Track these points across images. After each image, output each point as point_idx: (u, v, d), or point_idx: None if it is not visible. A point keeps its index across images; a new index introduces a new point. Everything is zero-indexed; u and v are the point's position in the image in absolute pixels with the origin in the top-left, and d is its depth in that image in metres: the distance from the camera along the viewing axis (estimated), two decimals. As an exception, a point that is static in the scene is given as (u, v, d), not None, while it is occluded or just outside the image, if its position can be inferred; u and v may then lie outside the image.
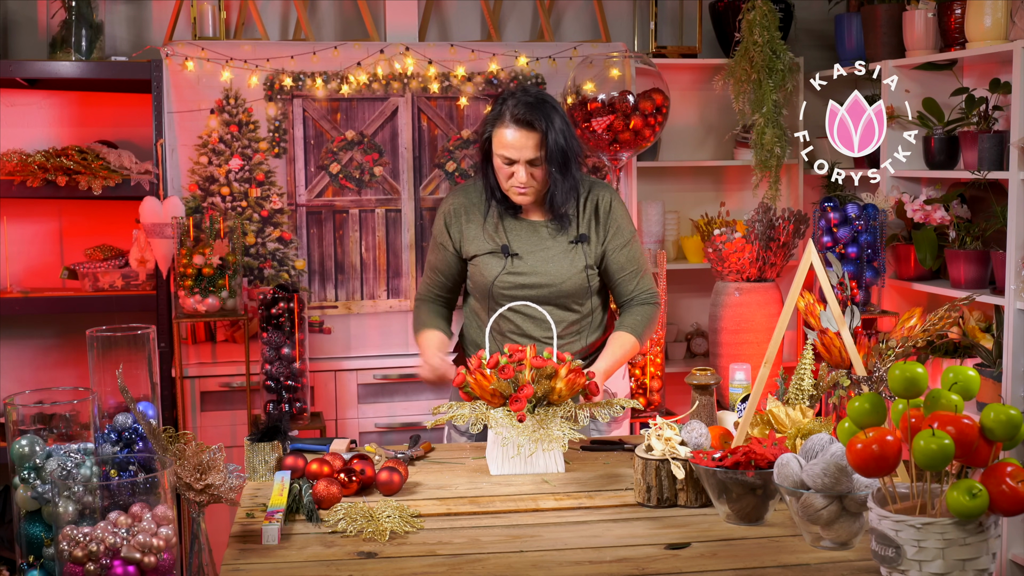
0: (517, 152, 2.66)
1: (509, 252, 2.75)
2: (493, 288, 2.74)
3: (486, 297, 2.77)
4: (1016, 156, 3.33)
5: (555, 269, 2.74)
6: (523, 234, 2.77)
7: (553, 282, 2.74)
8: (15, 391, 2.33)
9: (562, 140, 2.67)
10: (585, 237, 2.76)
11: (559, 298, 2.74)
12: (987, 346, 3.55)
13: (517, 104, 2.66)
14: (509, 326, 2.78)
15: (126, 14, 4.22)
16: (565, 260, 2.75)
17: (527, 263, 2.74)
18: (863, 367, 2.25)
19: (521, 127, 2.65)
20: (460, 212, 2.80)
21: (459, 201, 2.82)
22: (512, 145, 2.66)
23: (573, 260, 2.75)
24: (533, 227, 2.78)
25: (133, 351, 2.02)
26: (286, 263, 4.04)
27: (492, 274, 2.74)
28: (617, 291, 2.84)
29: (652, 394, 3.77)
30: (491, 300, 2.75)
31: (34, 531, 1.87)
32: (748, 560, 1.91)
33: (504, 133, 2.67)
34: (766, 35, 4.11)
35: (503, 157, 2.68)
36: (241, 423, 3.91)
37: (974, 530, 1.66)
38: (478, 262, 2.78)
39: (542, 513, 2.18)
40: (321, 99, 4.00)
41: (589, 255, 2.77)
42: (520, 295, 2.72)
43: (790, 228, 3.88)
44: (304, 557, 1.96)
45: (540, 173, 2.69)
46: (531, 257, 2.75)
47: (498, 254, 2.75)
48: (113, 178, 3.78)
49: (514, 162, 2.67)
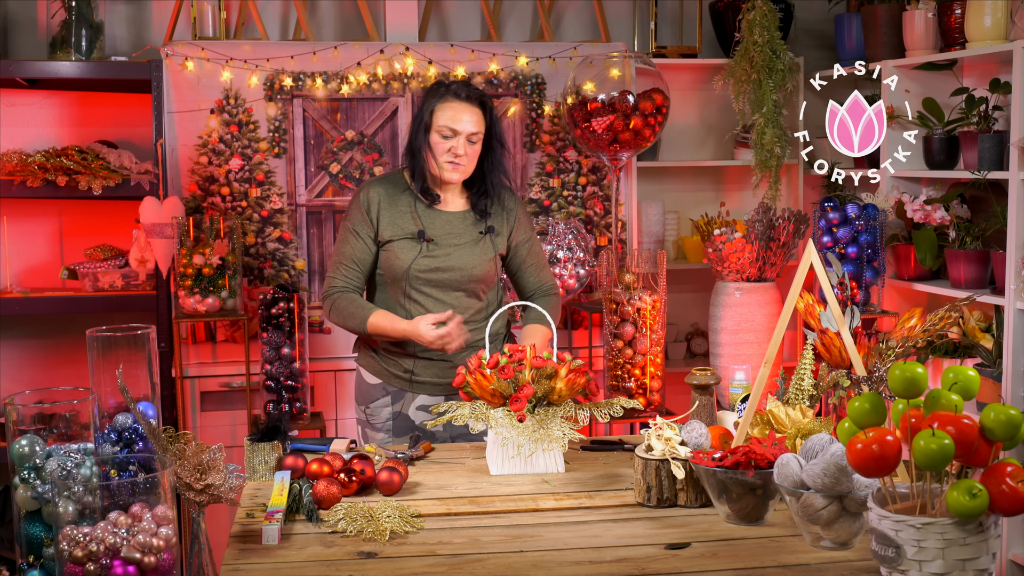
0: (461, 124, 2.82)
1: (424, 237, 2.87)
2: (409, 272, 2.85)
3: (400, 282, 2.87)
4: (1016, 156, 3.33)
5: (467, 255, 2.90)
6: (437, 222, 2.91)
7: (465, 267, 2.88)
8: (15, 391, 2.33)
9: (500, 127, 2.93)
10: (493, 229, 2.94)
11: (469, 283, 2.90)
12: (987, 346, 3.55)
13: (462, 85, 2.88)
14: (419, 311, 2.87)
15: (126, 14, 4.22)
16: (476, 248, 2.91)
17: (441, 248, 2.88)
18: (863, 367, 2.25)
19: (468, 102, 2.84)
20: (379, 198, 2.91)
21: (377, 188, 2.93)
22: (457, 117, 2.83)
23: (484, 248, 2.92)
24: (446, 217, 2.92)
25: (133, 351, 2.02)
26: (286, 263, 4.04)
27: (408, 259, 2.85)
28: (522, 282, 3.05)
29: (652, 394, 3.76)
30: (406, 285, 2.87)
31: (34, 531, 1.87)
32: (748, 560, 1.91)
33: (449, 106, 2.84)
34: (766, 35, 4.11)
35: (446, 129, 2.83)
36: (241, 423, 3.91)
37: (974, 530, 1.66)
38: (393, 247, 2.88)
39: (542, 513, 2.18)
40: (321, 99, 4.00)
41: (497, 245, 2.95)
42: (434, 279, 2.86)
43: (790, 228, 3.88)
44: (304, 557, 1.96)
45: (473, 152, 2.86)
46: (445, 243, 2.89)
47: (414, 239, 2.88)
48: (113, 178, 3.78)
49: (456, 134, 2.82)
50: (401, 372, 2.93)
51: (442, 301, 2.87)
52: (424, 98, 2.91)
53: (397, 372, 2.93)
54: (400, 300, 2.89)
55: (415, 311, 2.87)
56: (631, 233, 4.28)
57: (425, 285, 2.86)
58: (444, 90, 2.87)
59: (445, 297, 2.88)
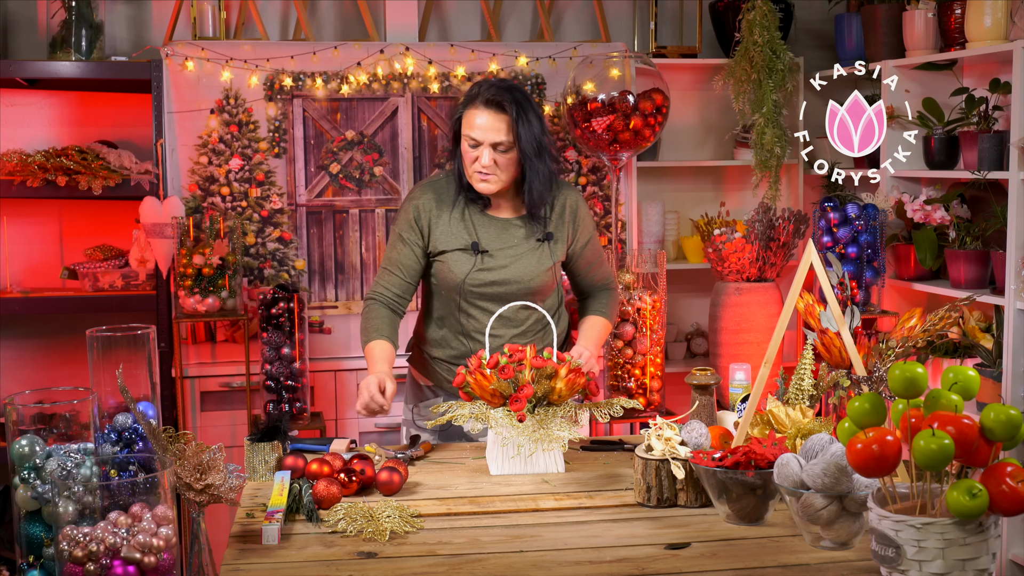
0: (483, 134, 2.63)
1: (479, 249, 2.72)
2: (464, 286, 2.71)
3: (454, 294, 2.75)
4: (1016, 156, 3.33)
5: (524, 267, 2.73)
6: (492, 231, 2.74)
7: (522, 279, 2.73)
8: (15, 391, 2.33)
9: (536, 129, 2.65)
10: (551, 236, 2.77)
11: (526, 295, 2.73)
12: (987, 346, 3.55)
13: (489, 87, 2.66)
14: (475, 325, 2.75)
15: (126, 14, 4.22)
16: (533, 258, 2.75)
17: (497, 260, 2.72)
18: (863, 367, 2.25)
19: (490, 108, 2.63)
20: (430, 206, 2.74)
21: (428, 196, 2.76)
22: (479, 126, 2.63)
23: (540, 258, 2.75)
24: (501, 224, 2.76)
25: (133, 351, 2.01)
26: (286, 263, 4.04)
27: (462, 271, 2.71)
28: (582, 283, 2.91)
29: (652, 394, 3.76)
30: (459, 298, 2.74)
31: (34, 531, 1.87)
32: (748, 560, 1.91)
33: (473, 114, 2.65)
34: (766, 35, 4.11)
35: (469, 139, 2.65)
36: (241, 423, 3.91)
37: (974, 530, 1.66)
38: (447, 259, 2.74)
39: (542, 513, 2.18)
40: (321, 99, 4.00)
41: (556, 253, 2.78)
42: (490, 292, 2.72)
43: (790, 228, 3.88)
44: (304, 557, 1.96)
45: (505, 161, 2.65)
46: (500, 255, 2.73)
47: (468, 251, 2.72)
48: (113, 178, 3.78)
49: (479, 144, 2.64)
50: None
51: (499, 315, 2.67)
52: (460, 100, 2.75)
53: (450, 378, 2.81)
54: (454, 311, 2.76)
55: (469, 325, 2.75)
56: (631, 233, 4.28)
57: (479, 299, 2.72)
58: (476, 91, 2.67)
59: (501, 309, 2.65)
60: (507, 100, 2.63)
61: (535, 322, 2.80)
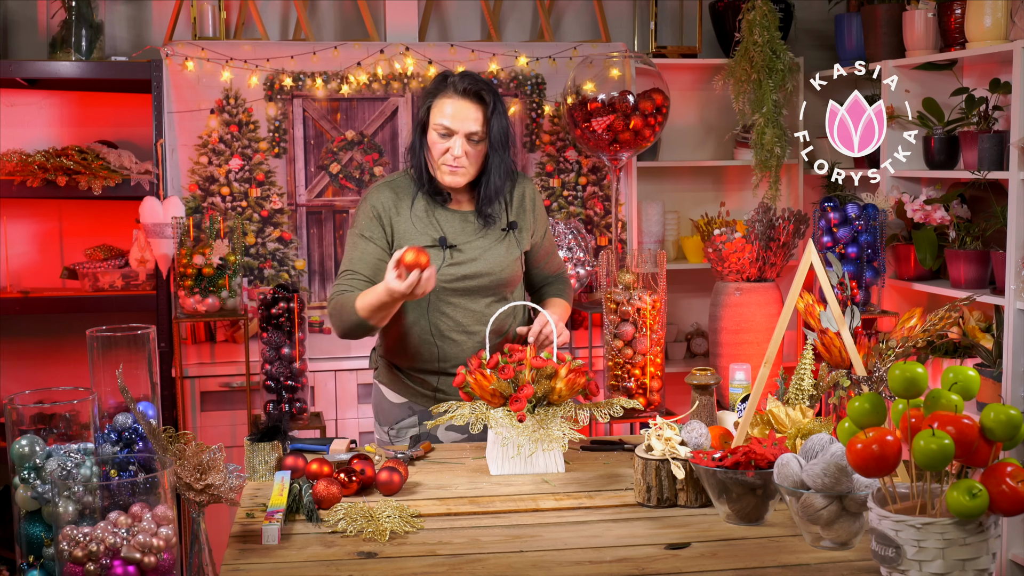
0: (459, 123, 2.59)
1: (447, 244, 2.67)
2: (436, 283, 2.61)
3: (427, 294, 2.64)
4: (1016, 156, 3.33)
5: (493, 258, 2.70)
6: (456, 224, 2.70)
7: (493, 271, 2.69)
8: (15, 391, 2.33)
9: (505, 121, 2.63)
10: (515, 225, 2.74)
11: (498, 287, 2.71)
12: (987, 346, 3.55)
13: (463, 78, 2.62)
14: (448, 324, 2.70)
15: (126, 14, 4.22)
16: (501, 248, 2.72)
17: (466, 254, 2.68)
18: (863, 367, 2.25)
19: (467, 98, 2.60)
20: (388, 204, 2.68)
21: (385, 194, 2.70)
22: (454, 115, 2.59)
23: (508, 248, 2.73)
24: (464, 217, 2.71)
25: (133, 351, 2.01)
26: (286, 263, 4.04)
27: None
28: (539, 274, 2.91)
29: (652, 394, 3.76)
30: (433, 295, 2.66)
31: (34, 531, 1.87)
32: (748, 560, 1.91)
33: (446, 103, 2.60)
34: (766, 35, 4.11)
35: (442, 128, 2.59)
36: (241, 423, 3.91)
37: (974, 530, 1.66)
38: None
39: (542, 513, 2.18)
40: (321, 99, 4.00)
41: (522, 242, 2.76)
42: (461, 287, 2.68)
43: (790, 228, 3.88)
44: (304, 557, 1.96)
45: (475, 152, 2.62)
46: (469, 248, 2.68)
47: (435, 247, 2.66)
48: (113, 178, 3.79)
49: (452, 134, 2.60)
50: (427, 391, 2.75)
51: (470, 309, 2.69)
52: (425, 90, 2.68)
53: (423, 391, 2.75)
54: (424, 313, 2.68)
55: (444, 324, 2.68)
56: (631, 233, 4.28)
57: (452, 295, 2.67)
58: (444, 83, 2.62)
59: (473, 305, 2.68)
60: (484, 90, 2.60)
61: (506, 317, 2.72)
